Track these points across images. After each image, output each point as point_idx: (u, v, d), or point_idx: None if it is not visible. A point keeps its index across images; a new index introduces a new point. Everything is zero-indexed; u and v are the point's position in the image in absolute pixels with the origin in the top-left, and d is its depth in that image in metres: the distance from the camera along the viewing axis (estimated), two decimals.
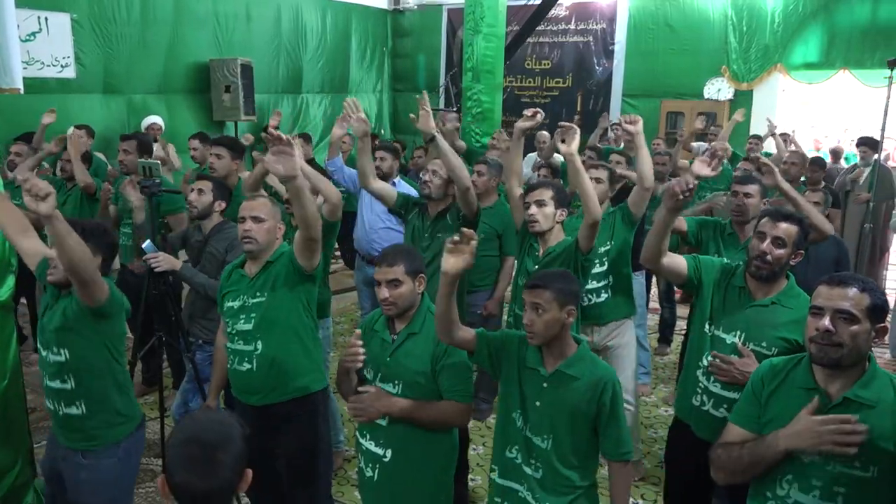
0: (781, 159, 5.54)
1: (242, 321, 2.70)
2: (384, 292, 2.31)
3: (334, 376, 2.48)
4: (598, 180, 3.66)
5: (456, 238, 2.07)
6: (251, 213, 2.71)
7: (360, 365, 2.26)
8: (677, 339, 5.42)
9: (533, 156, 7.22)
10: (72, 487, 2.51)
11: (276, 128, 3.55)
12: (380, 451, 2.36)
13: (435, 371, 2.32)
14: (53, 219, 2.07)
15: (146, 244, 3.40)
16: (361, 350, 2.24)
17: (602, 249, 3.56)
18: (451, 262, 2.08)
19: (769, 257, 2.43)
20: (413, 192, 4.41)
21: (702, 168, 2.68)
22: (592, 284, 3.55)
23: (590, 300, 3.57)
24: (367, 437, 2.40)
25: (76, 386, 2.45)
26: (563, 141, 3.12)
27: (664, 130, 9.43)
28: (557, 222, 3.23)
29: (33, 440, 3.41)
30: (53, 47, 7.04)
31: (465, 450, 3.33)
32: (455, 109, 8.40)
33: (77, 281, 2.27)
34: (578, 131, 3.12)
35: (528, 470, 2.20)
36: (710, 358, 2.52)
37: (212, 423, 1.47)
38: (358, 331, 2.34)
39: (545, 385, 2.18)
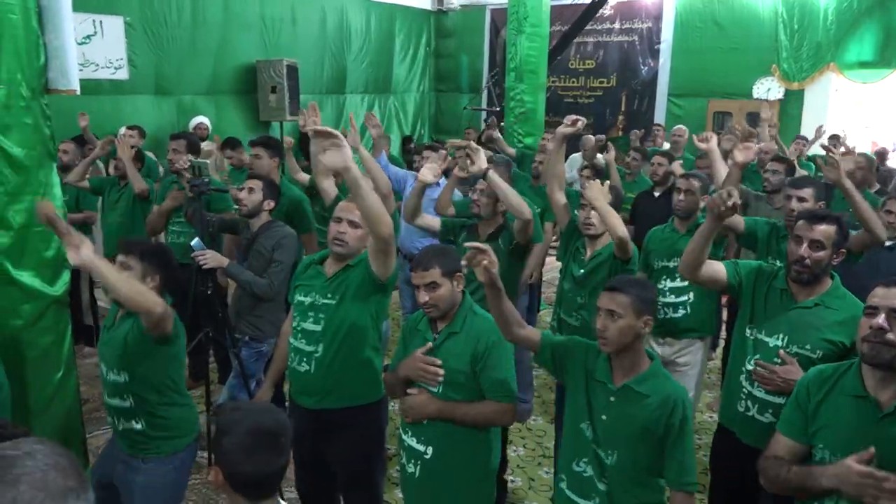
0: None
1: (311, 320, 2.65)
2: (423, 296, 2.31)
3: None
4: (688, 192, 3.58)
5: (468, 257, 2.11)
6: (348, 217, 2.64)
7: (438, 381, 2.31)
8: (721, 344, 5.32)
9: (577, 157, 7.17)
10: (126, 490, 2.56)
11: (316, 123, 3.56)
12: (421, 448, 2.37)
13: (475, 371, 2.32)
14: (93, 267, 2.14)
15: (195, 242, 3.47)
16: (441, 371, 2.30)
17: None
18: (479, 274, 2.13)
19: (808, 261, 2.38)
20: (400, 174, 4.56)
21: (741, 154, 2.61)
22: (670, 298, 3.46)
23: (665, 314, 3.44)
24: (409, 433, 2.42)
25: (135, 405, 2.49)
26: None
27: (710, 131, 9.24)
28: None
29: (86, 430, 3.52)
30: (107, 50, 7.25)
31: (504, 445, 3.31)
32: (498, 109, 8.37)
33: (148, 322, 2.32)
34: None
35: (600, 486, 2.13)
36: (753, 363, 2.47)
37: (264, 411, 1.54)
38: (429, 343, 2.36)
39: (612, 399, 2.11)
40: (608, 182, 3.20)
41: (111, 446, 2.69)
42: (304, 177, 4.89)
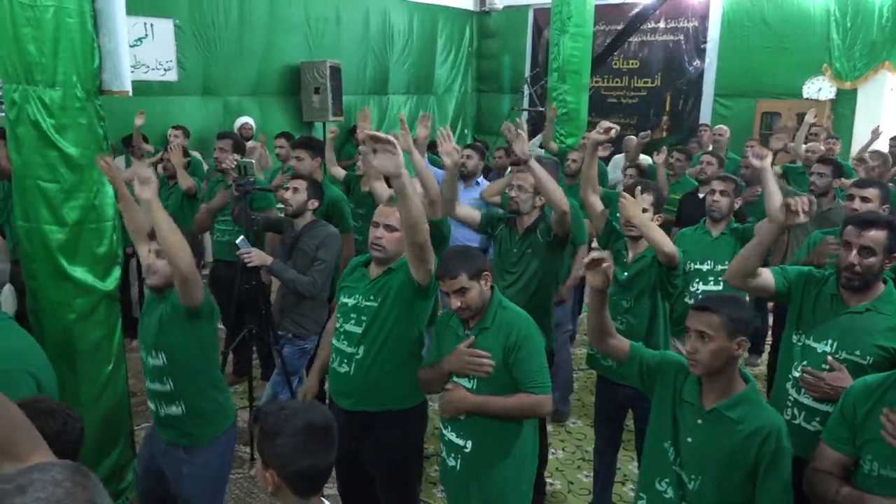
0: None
1: (353, 322, 2.66)
2: (455, 302, 2.33)
3: None
4: (723, 192, 3.61)
5: (587, 262, 2.09)
6: (385, 221, 2.63)
7: (489, 372, 2.32)
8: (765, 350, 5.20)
9: (620, 157, 7.09)
10: (174, 480, 2.63)
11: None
12: (461, 442, 2.40)
13: (507, 364, 2.33)
14: (154, 206, 2.27)
15: (240, 240, 3.54)
16: (491, 362, 2.32)
17: (719, 268, 3.46)
18: (591, 279, 2.11)
19: (858, 268, 2.31)
20: (439, 174, 4.50)
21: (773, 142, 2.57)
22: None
23: None
24: (449, 428, 2.45)
25: (174, 387, 2.57)
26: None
27: (758, 132, 9.05)
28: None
29: (133, 422, 3.62)
30: (157, 52, 7.44)
31: (543, 439, 3.29)
32: (542, 110, 8.32)
33: (178, 276, 2.38)
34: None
35: None
36: (800, 370, 2.41)
37: (309, 408, 1.58)
38: (472, 337, 2.38)
39: (699, 422, 2.02)
40: (640, 192, 3.10)
41: (151, 438, 2.75)
42: (341, 172, 4.95)
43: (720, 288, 3.42)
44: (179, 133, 5.86)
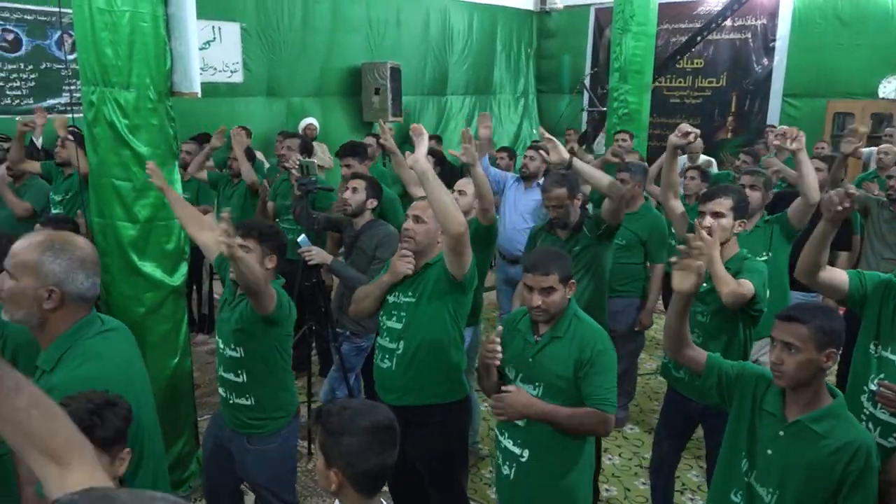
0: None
1: (394, 319, 2.72)
2: (536, 300, 2.26)
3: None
4: (752, 187, 3.46)
5: (676, 258, 2.03)
6: (413, 212, 2.72)
7: (497, 362, 2.28)
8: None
9: (682, 159, 6.93)
10: (239, 465, 2.71)
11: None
12: (517, 451, 2.35)
13: (577, 377, 2.27)
14: (237, 257, 2.26)
15: (301, 238, 3.60)
16: (499, 348, 2.25)
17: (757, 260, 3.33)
18: (679, 281, 2.02)
19: None
20: (500, 175, 4.68)
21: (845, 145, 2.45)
22: None
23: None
24: (506, 435, 2.40)
25: (248, 380, 2.62)
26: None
27: (829, 133, 8.71)
28: (734, 234, 2.96)
29: (197, 414, 3.73)
30: (225, 54, 7.66)
31: (599, 453, 3.25)
32: (605, 110, 8.20)
33: (250, 294, 2.45)
34: None
35: None
36: (876, 383, 2.30)
37: (371, 408, 1.60)
38: (499, 327, 2.35)
39: (781, 433, 1.94)
40: (716, 238, 2.84)
41: (215, 422, 2.82)
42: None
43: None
44: (242, 132, 6.02)
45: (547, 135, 3.28)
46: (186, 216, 2.94)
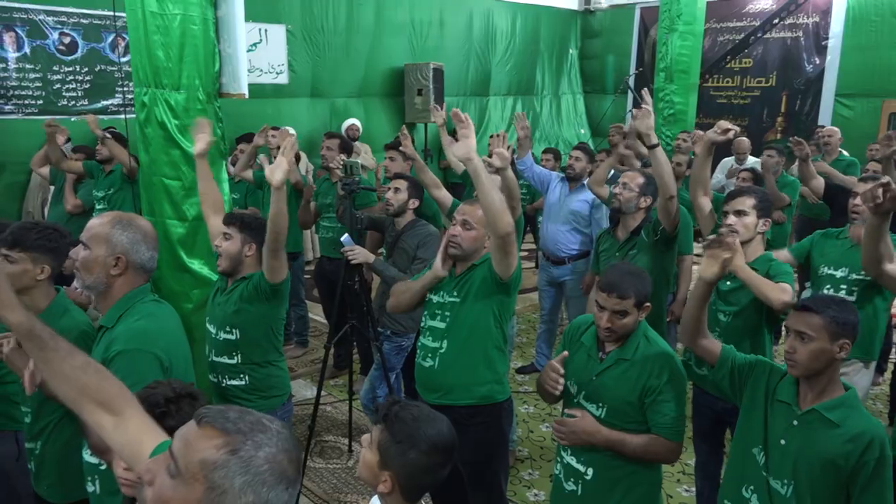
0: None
1: (438, 318, 2.71)
2: (605, 322, 2.17)
3: (511, 374, 2.48)
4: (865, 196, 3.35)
5: (711, 239, 1.99)
6: (462, 218, 2.68)
7: (558, 392, 2.21)
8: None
9: (728, 160, 6.80)
10: None
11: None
12: (581, 469, 2.26)
13: (643, 403, 2.17)
14: (278, 190, 2.46)
15: (344, 237, 3.64)
16: (562, 380, 2.18)
17: (854, 276, 3.12)
18: (705, 268, 2.01)
19: None
20: (544, 173, 4.68)
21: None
22: None
23: None
24: (569, 451, 2.30)
25: (241, 361, 2.73)
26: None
27: (885, 133, 8.43)
28: (758, 233, 2.93)
29: None
30: (270, 56, 7.79)
31: None
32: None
33: (272, 249, 2.55)
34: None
35: None
36: None
37: (438, 420, 1.60)
38: (565, 353, 2.24)
39: (795, 423, 1.94)
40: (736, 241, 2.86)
41: None
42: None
43: (853, 299, 3.10)
44: (277, 133, 6.10)
45: (648, 102, 3.21)
46: (208, 195, 2.99)
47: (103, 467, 1.88)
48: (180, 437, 1.07)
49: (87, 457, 2.01)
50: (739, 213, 2.89)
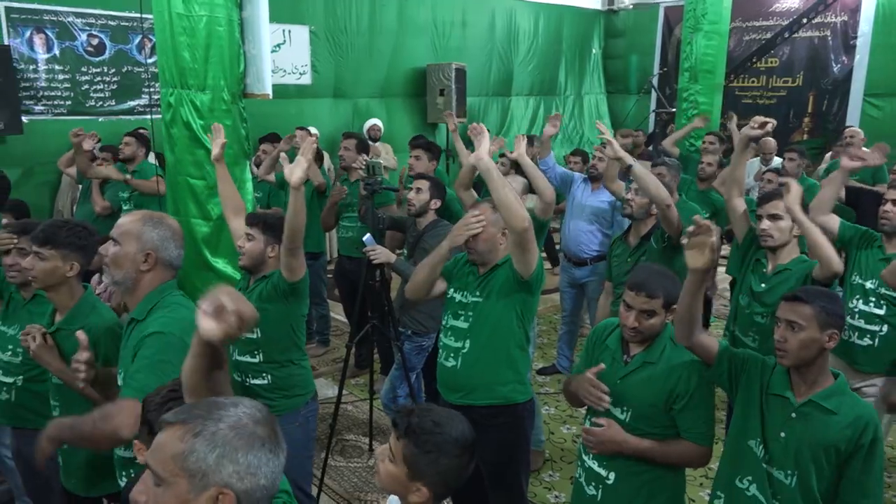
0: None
1: (461, 318, 2.71)
2: (632, 321, 2.15)
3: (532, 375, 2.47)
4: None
5: (690, 229, 1.93)
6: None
7: (604, 407, 2.17)
8: None
9: (755, 162, 6.72)
10: None
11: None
12: (602, 472, 2.24)
13: (671, 408, 2.15)
14: (296, 190, 2.46)
15: (366, 237, 3.65)
16: (607, 398, 2.16)
17: (884, 290, 3.05)
18: (693, 259, 1.95)
19: None
20: (567, 174, 4.70)
21: None
22: (858, 322, 3.11)
23: (848, 336, 3.07)
24: (590, 455, 2.29)
25: (264, 360, 2.73)
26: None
27: None
28: (794, 237, 2.90)
29: None
30: (294, 56, 7.84)
31: None
32: (674, 111, 8.03)
33: (289, 248, 2.55)
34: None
35: None
36: None
37: (456, 419, 1.60)
38: (602, 364, 2.21)
39: (793, 415, 1.97)
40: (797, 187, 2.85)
41: None
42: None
43: (882, 312, 3.06)
44: (304, 133, 6.15)
45: (605, 131, 3.29)
46: (228, 198, 3.02)
47: (137, 461, 1.91)
48: (152, 449, 1.11)
49: (121, 452, 2.05)
50: (774, 217, 2.87)
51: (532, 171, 3.38)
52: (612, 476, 2.22)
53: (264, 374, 2.74)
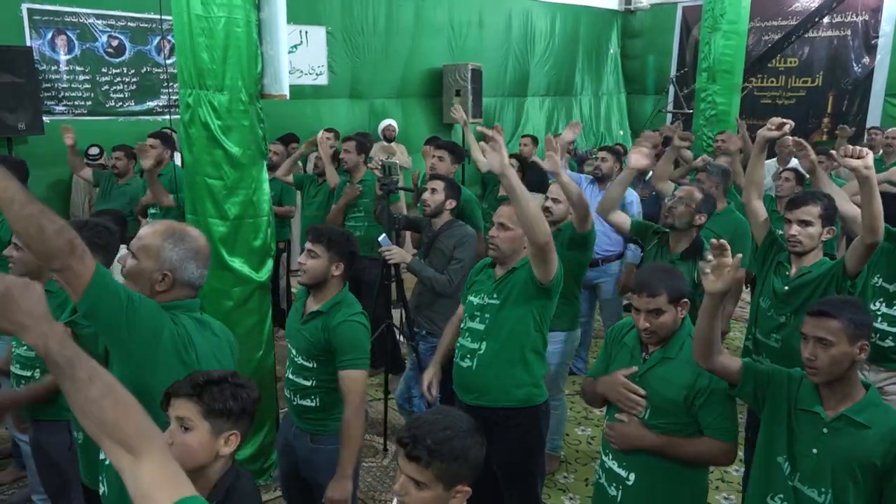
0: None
1: (477, 320, 2.73)
2: (643, 323, 2.15)
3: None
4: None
5: (709, 256, 1.90)
6: (498, 220, 2.71)
7: (638, 411, 2.17)
8: None
9: (771, 163, 6.65)
10: (304, 463, 2.73)
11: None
12: (623, 473, 2.23)
13: (691, 404, 2.14)
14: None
15: (382, 237, 3.66)
16: (643, 402, 2.16)
17: None
18: (711, 283, 1.92)
19: None
20: (574, 177, 4.51)
21: None
22: (882, 325, 3.08)
23: (871, 338, 3.07)
24: (610, 456, 2.28)
25: (315, 385, 2.63)
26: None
27: None
28: (822, 242, 2.85)
29: (279, 405, 3.84)
30: (311, 57, 7.88)
31: None
32: (690, 112, 7.98)
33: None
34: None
35: None
36: None
37: (457, 415, 1.60)
38: (634, 367, 2.22)
39: (825, 431, 1.91)
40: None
41: (285, 422, 2.87)
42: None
43: None
44: (332, 135, 6.17)
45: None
46: None
47: None
48: None
49: None
50: (804, 224, 2.80)
51: (568, 188, 3.26)
52: (632, 477, 2.21)
53: (313, 398, 2.65)
